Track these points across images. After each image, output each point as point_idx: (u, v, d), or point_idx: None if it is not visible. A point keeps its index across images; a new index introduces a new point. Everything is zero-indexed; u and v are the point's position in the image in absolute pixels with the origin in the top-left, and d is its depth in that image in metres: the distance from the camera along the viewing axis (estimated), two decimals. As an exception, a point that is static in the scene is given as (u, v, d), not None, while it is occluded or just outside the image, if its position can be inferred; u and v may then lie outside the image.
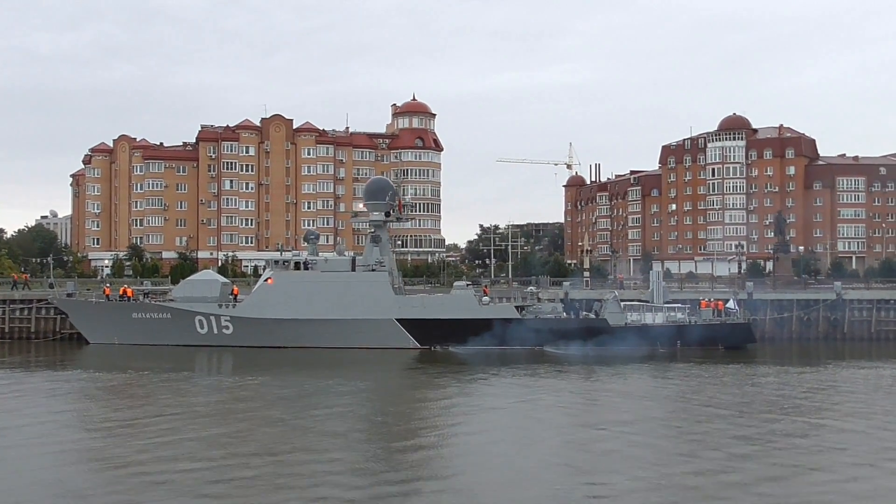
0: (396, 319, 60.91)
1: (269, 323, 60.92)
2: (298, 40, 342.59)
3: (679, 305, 62.84)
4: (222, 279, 66.68)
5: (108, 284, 72.83)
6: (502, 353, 57.12)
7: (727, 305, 62.97)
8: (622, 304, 62.31)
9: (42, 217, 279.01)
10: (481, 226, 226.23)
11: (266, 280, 63.17)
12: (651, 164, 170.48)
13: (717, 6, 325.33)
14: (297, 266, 63.05)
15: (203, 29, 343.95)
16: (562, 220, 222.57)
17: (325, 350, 59.20)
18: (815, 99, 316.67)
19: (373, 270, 62.36)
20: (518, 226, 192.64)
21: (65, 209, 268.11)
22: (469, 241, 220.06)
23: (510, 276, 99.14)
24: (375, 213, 64.57)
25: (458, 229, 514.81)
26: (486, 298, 63.25)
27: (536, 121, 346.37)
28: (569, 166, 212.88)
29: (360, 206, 68.31)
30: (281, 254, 68.76)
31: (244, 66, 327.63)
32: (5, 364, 55.38)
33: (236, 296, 64.12)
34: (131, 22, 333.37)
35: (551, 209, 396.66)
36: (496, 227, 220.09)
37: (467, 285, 65.54)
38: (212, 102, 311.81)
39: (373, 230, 64.95)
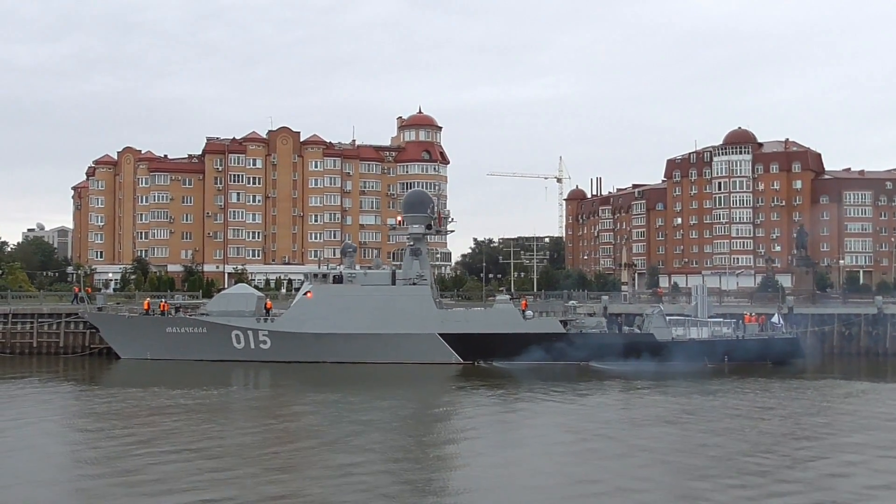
0: (439, 334, 59.84)
1: (308, 337, 59.62)
2: (279, 53, 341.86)
3: (724, 320, 62.02)
4: (258, 293, 65.30)
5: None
6: (548, 369, 56.01)
7: (772, 320, 62.26)
8: (667, 318, 61.46)
9: (29, 230, 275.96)
10: (475, 239, 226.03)
11: (305, 294, 61.82)
12: (648, 176, 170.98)
13: (696, 20, 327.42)
14: (335, 280, 61.85)
15: (182, 42, 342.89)
16: (553, 233, 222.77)
17: (367, 365, 57.87)
18: (802, 113, 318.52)
19: (413, 284, 61.23)
20: (510, 239, 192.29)
21: (50, 222, 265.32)
22: (463, 255, 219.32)
23: (535, 289, 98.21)
24: (415, 226, 63.38)
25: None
26: (528, 313, 62.16)
27: (522, 134, 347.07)
28: (559, 180, 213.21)
29: (398, 218, 67.06)
30: (319, 266, 67.55)
31: (226, 79, 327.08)
32: (71, 379, 52.97)
33: (269, 310, 62.86)
34: (111, 34, 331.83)
35: (542, 222, 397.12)
36: (490, 241, 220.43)
37: (510, 299, 64.37)
38: (193, 114, 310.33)
39: (412, 243, 63.62)
